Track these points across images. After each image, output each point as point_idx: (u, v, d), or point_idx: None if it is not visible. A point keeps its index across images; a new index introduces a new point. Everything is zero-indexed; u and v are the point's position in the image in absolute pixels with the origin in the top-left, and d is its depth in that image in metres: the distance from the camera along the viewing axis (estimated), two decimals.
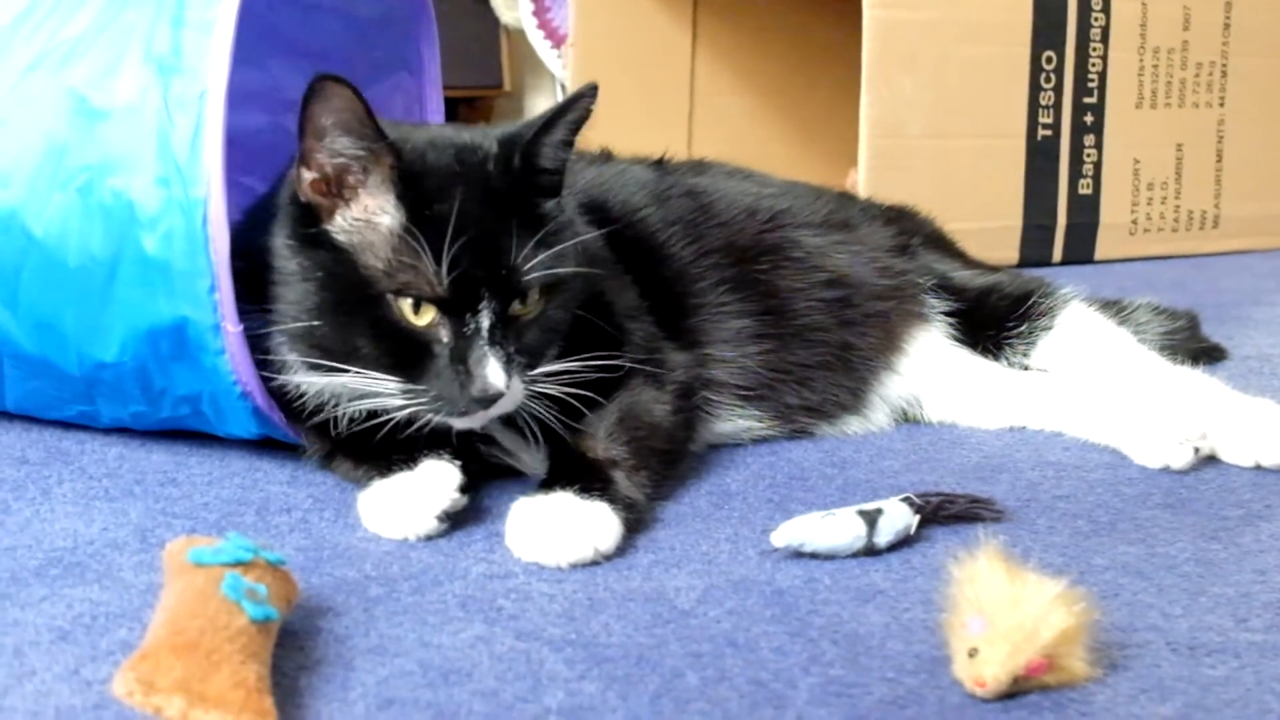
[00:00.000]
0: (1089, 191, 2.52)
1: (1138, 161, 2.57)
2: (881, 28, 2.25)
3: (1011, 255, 2.43)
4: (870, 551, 1.04)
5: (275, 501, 1.17)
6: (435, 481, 1.09)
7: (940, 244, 1.59)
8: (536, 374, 1.11)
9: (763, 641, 0.90)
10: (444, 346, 1.07)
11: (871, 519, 1.05)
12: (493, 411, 1.08)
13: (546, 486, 1.09)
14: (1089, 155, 2.51)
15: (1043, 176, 2.48)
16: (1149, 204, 2.59)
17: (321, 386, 1.14)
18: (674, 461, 1.21)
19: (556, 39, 3.40)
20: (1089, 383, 1.38)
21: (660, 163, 1.50)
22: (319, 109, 1.05)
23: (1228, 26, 2.60)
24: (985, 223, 2.35)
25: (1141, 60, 2.53)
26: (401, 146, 1.08)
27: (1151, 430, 1.27)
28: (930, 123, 2.34)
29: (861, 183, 2.25)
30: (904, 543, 1.06)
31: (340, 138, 1.07)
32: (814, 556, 1.04)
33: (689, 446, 1.27)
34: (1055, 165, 2.48)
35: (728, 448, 1.33)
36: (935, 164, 2.34)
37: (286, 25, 1.52)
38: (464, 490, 1.10)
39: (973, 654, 0.82)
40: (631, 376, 1.19)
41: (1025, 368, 1.43)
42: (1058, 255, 2.51)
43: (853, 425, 1.39)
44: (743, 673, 0.85)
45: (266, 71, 1.49)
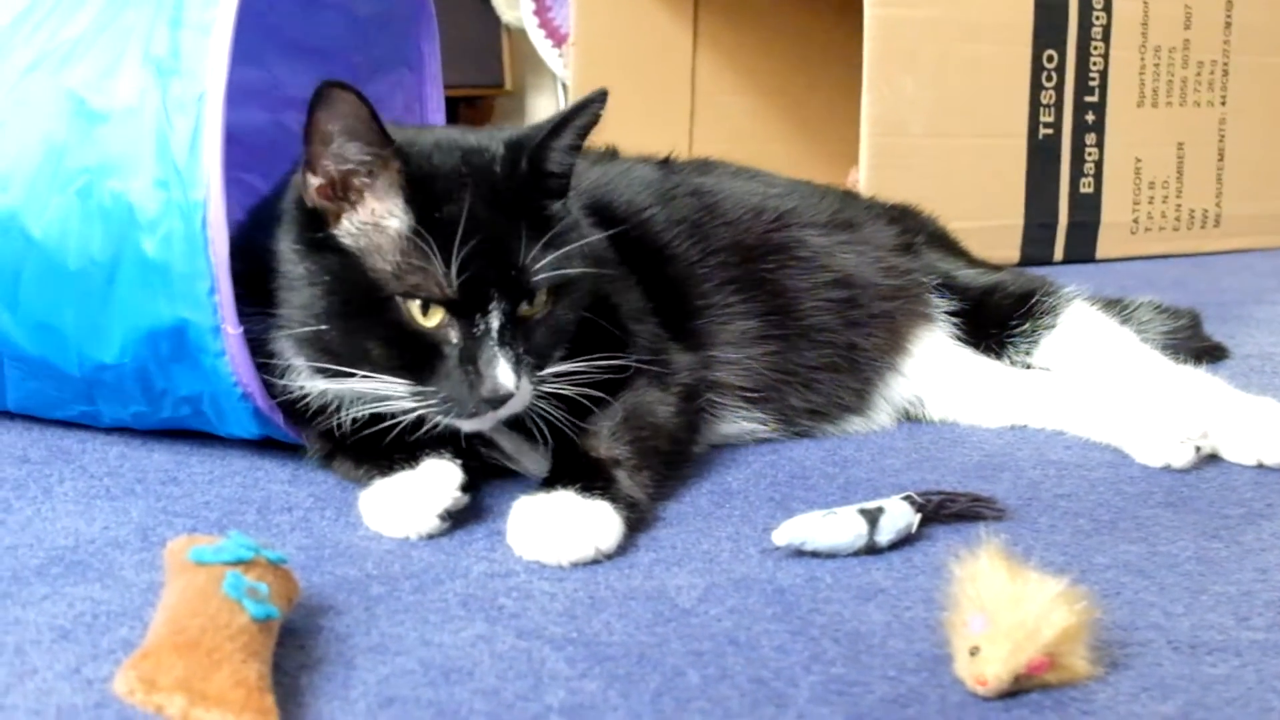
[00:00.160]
0: (1090, 190, 2.52)
1: (1139, 160, 2.57)
2: (883, 26, 2.25)
3: (1013, 254, 2.43)
4: (871, 550, 1.04)
5: (276, 500, 1.17)
6: (437, 480, 1.09)
7: (943, 243, 1.59)
8: (544, 374, 1.11)
9: (764, 640, 0.90)
10: (453, 348, 1.06)
11: (873, 517, 1.05)
12: (502, 413, 1.08)
13: (548, 485, 1.09)
14: (1090, 154, 2.51)
15: (1044, 175, 2.47)
16: (1150, 203, 2.59)
17: (326, 389, 1.13)
18: (677, 463, 1.21)
19: (558, 38, 3.40)
20: (1090, 381, 1.38)
21: (666, 162, 1.50)
22: (325, 115, 1.04)
23: (1229, 25, 2.60)
24: (986, 221, 2.34)
25: (1143, 59, 2.53)
26: (408, 150, 1.07)
27: (1153, 429, 1.27)
28: (931, 121, 2.34)
29: (863, 181, 2.25)
30: (905, 541, 1.06)
31: (347, 144, 1.06)
32: (815, 555, 1.04)
33: (692, 448, 1.26)
34: (1056, 164, 2.48)
35: (729, 447, 1.33)
36: (936, 163, 2.34)
37: (287, 22, 1.52)
38: (465, 489, 1.10)
39: (974, 652, 0.82)
40: (636, 377, 1.19)
41: (1027, 366, 1.43)
42: (1059, 254, 2.51)
43: (856, 425, 1.39)
44: (744, 671, 0.85)
45: (266, 69, 1.50)
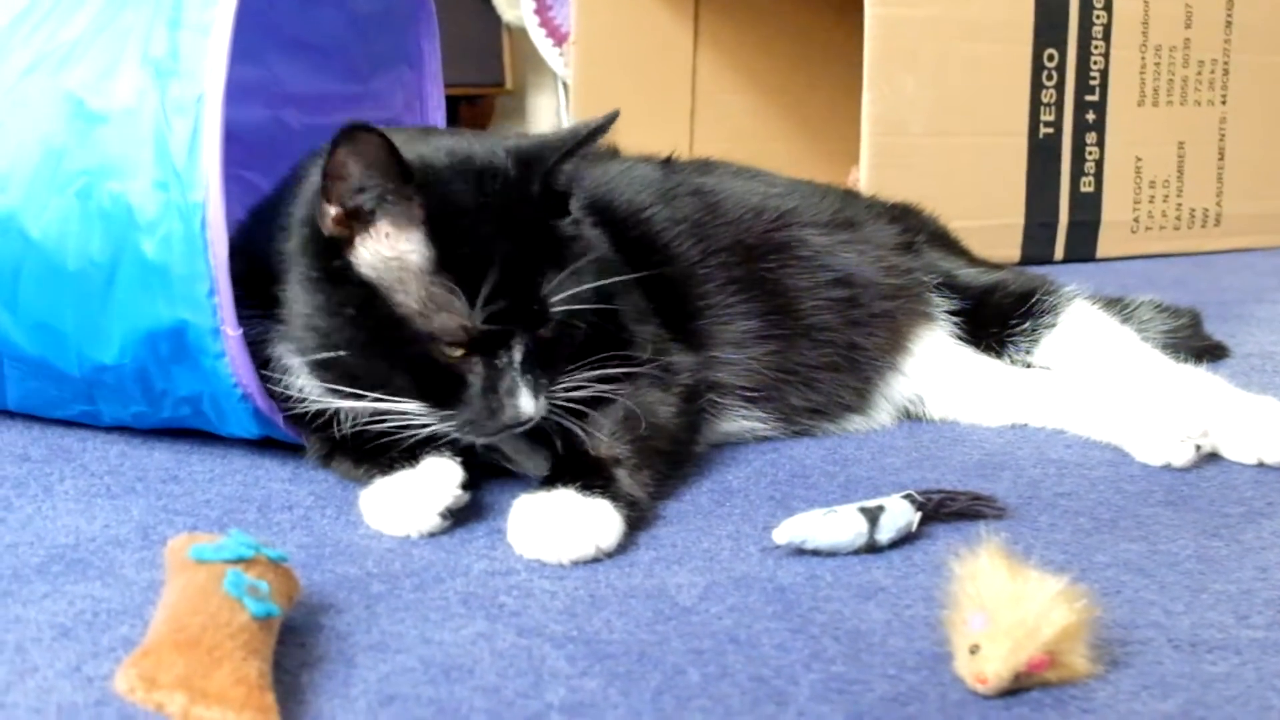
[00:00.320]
0: (1091, 189, 2.52)
1: (1139, 159, 2.56)
2: (883, 25, 2.25)
3: (1013, 253, 2.43)
4: (872, 548, 1.04)
5: (277, 499, 1.17)
6: (438, 479, 1.09)
7: (944, 242, 1.58)
8: (555, 388, 1.12)
9: (764, 638, 0.90)
10: (476, 376, 1.08)
11: (873, 516, 1.05)
12: (517, 430, 1.10)
13: (548, 484, 1.09)
14: (1091, 153, 2.50)
15: (1044, 174, 2.47)
16: (1151, 202, 2.59)
17: (340, 405, 1.14)
18: (677, 463, 1.21)
19: (558, 37, 3.40)
20: (1091, 380, 1.38)
21: (667, 161, 1.49)
22: (347, 153, 1.04)
23: (1229, 24, 2.60)
24: (987, 220, 2.34)
25: (1143, 58, 2.53)
26: (428, 184, 1.06)
27: (1153, 428, 1.27)
28: (932, 120, 2.34)
29: (863, 180, 2.25)
30: (905, 540, 1.06)
31: (368, 181, 1.06)
32: (816, 553, 1.04)
33: (693, 448, 1.26)
34: (1057, 163, 2.48)
35: (730, 445, 1.33)
36: (937, 162, 2.34)
37: (286, 20, 1.52)
38: (466, 487, 1.10)
39: (974, 650, 0.82)
40: (638, 377, 1.19)
41: (1028, 365, 1.43)
42: (1059, 253, 2.51)
43: (856, 424, 1.39)
44: (744, 669, 0.85)
45: (266, 65, 1.49)
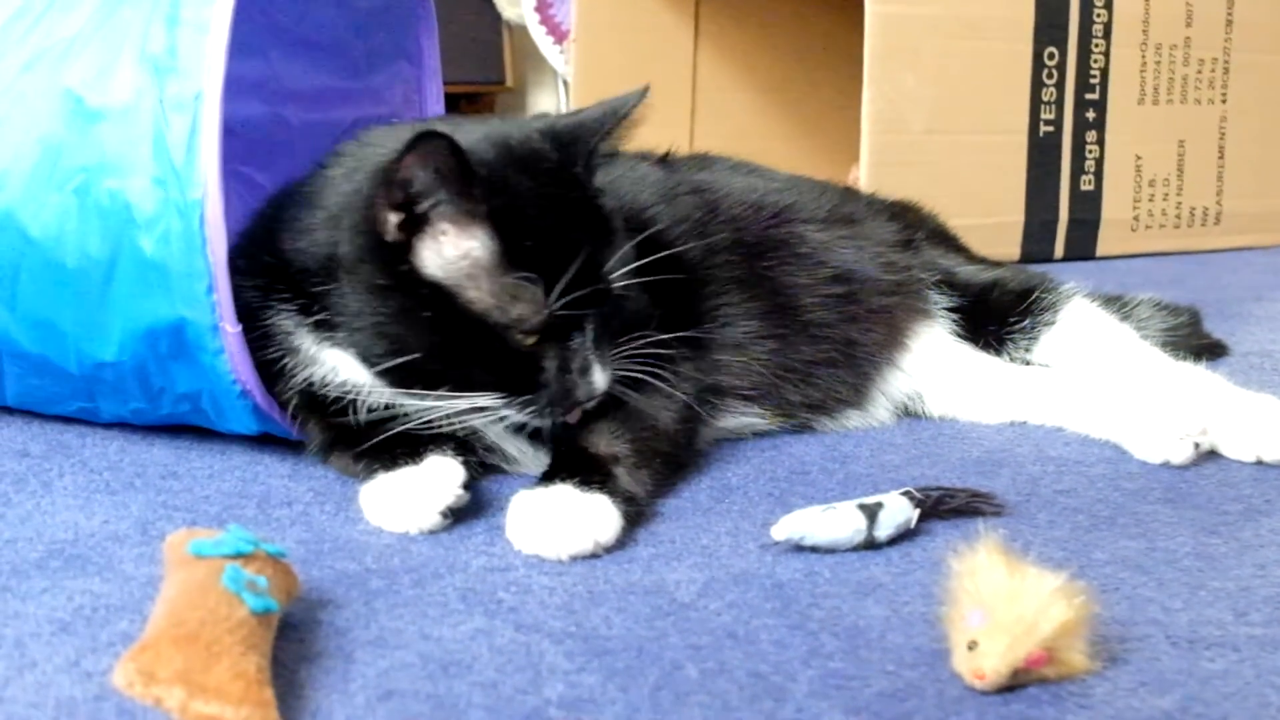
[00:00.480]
0: (1091, 188, 2.52)
1: (1139, 158, 2.56)
2: (883, 23, 2.25)
3: (1013, 251, 2.43)
4: (870, 545, 1.04)
5: (276, 495, 1.17)
6: (440, 477, 1.09)
7: (944, 239, 1.58)
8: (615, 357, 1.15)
9: (763, 634, 0.90)
10: (552, 360, 1.10)
11: (872, 513, 1.05)
12: (589, 405, 1.13)
13: (547, 479, 1.09)
14: (1091, 151, 2.51)
15: (1044, 172, 2.47)
16: (1151, 200, 2.59)
17: (351, 382, 1.14)
18: (677, 465, 1.21)
19: (559, 35, 3.40)
20: (1090, 378, 1.38)
21: (665, 158, 1.49)
22: (415, 159, 1.04)
23: (1230, 23, 2.60)
24: (987, 219, 2.34)
25: (1144, 56, 2.53)
26: (487, 178, 1.06)
27: (1152, 425, 1.27)
28: (932, 118, 2.34)
29: (863, 178, 2.25)
30: (904, 536, 1.06)
31: (435, 188, 1.06)
32: (814, 550, 1.04)
33: (693, 451, 1.26)
34: (1057, 161, 2.48)
35: (728, 442, 1.33)
36: (937, 160, 2.34)
37: (285, 15, 1.52)
38: (466, 487, 1.10)
39: (972, 647, 0.82)
40: (641, 381, 1.19)
41: (1027, 363, 1.43)
42: (1059, 251, 2.51)
43: (854, 420, 1.39)
44: (742, 665, 0.85)
45: (265, 61, 1.49)
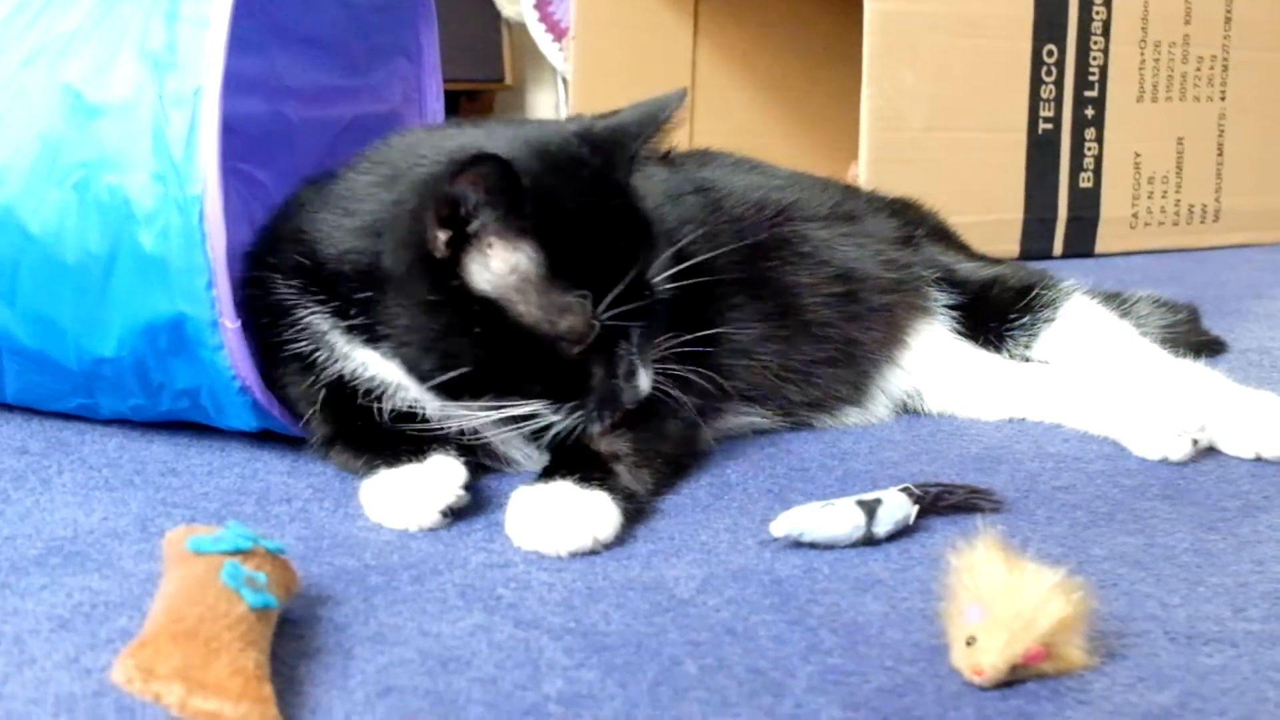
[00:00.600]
0: (1090, 185, 2.52)
1: (1138, 155, 2.56)
2: (882, 20, 2.25)
3: (1012, 249, 2.43)
4: (869, 541, 1.04)
5: (275, 491, 1.17)
6: (442, 476, 1.10)
7: (944, 236, 1.58)
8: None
9: (761, 630, 0.90)
10: (599, 366, 1.11)
11: (870, 509, 1.05)
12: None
13: (546, 475, 1.09)
14: (1090, 149, 2.50)
15: (1043, 170, 2.47)
16: (1150, 198, 2.59)
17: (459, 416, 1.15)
18: (679, 465, 1.21)
19: (558, 32, 3.40)
20: (1088, 375, 1.38)
21: (667, 156, 1.49)
22: (466, 178, 1.04)
23: (1229, 20, 2.60)
24: (986, 216, 2.34)
25: (1142, 54, 2.53)
26: (537, 195, 1.06)
27: (1150, 422, 1.27)
28: (931, 116, 2.34)
29: (863, 176, 2.25)
30: (903, 533, 1.06)
31: (486, 206, 1.05)
32: (813, 546, 1.04)
33: (695, 453, 1.26)
34: (1056, 159, 2.48)
35: (727, 439, 1.33)
36: (936, 157, 2.34)
37: (284, 11, 1.52)
38: (467, 486, 1.10)
39: (970, 642, 0.82)
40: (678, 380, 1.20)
41: (1027, 359, 1.43)
42: (1058, 249, 2.51)
43: (853, 417, 1.39)
44: (741, 661, 0.85)
45: (265, 58, 1.49)
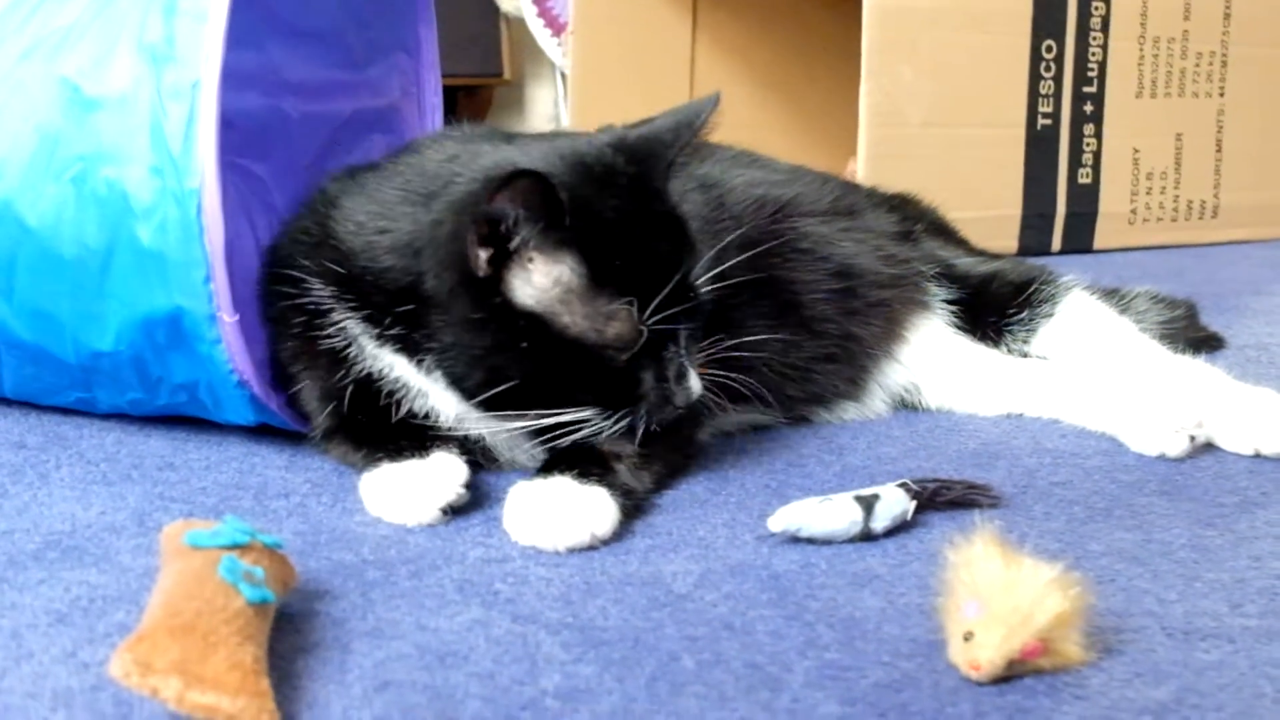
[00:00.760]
0: (1088, 181, 2.52)
1: (1137, 151, 2.56)
2: (881, 16, 2.24)
3: (1011, 244, 2.43)
4: (867, 537, 1.04)
5: (273, 486, 1.17)
6: (443, 473, 1.10)
7: (943, 231, 1.58)
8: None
9: (759, 625, 0.90)
10: (648, 372, 1.11)
11: (868, 504, 1.05)
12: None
13: (545, 471, 1.09)
14: (1088, 145, 2.50)
15: (1042, 166, 2.47)
16: (1148, 194, 2.59)
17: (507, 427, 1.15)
18: (677, 466, 1.21)
19: (556, 27, 3.40)
20: (1086, 370, 1.38)
21: None
22: (506, 196, 1.04)
23: (1228, 16, 2.60)
24: (985, 211, 2.34)
25: (1141, 50, 2.53)
26: (576, 207, 1.06)
27: (1148, 418, 1.27)
28: (930, 111, 2.34)
29: (861, 171, 2.25)
30: (900, 528, 1.07)
31: (525, 222, 1.05)
32: (811, 541, 1.04)
33: (693, 453, 1.25)
34: (1055, 154, 2.48)
35: (725, 435, 1.33)
36: (935, 153, 2.34)
37: (283, 5, 1.51)
38: (468, 485, 1.10)
39: (968, 638, 0.82)
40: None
41: (1025, 355, 1.43)
42: (1057, 244, 2.51)
43: (850, 412, 1.39)
44: (739, 656, 0.86)
45: (263, 52, 1.49)
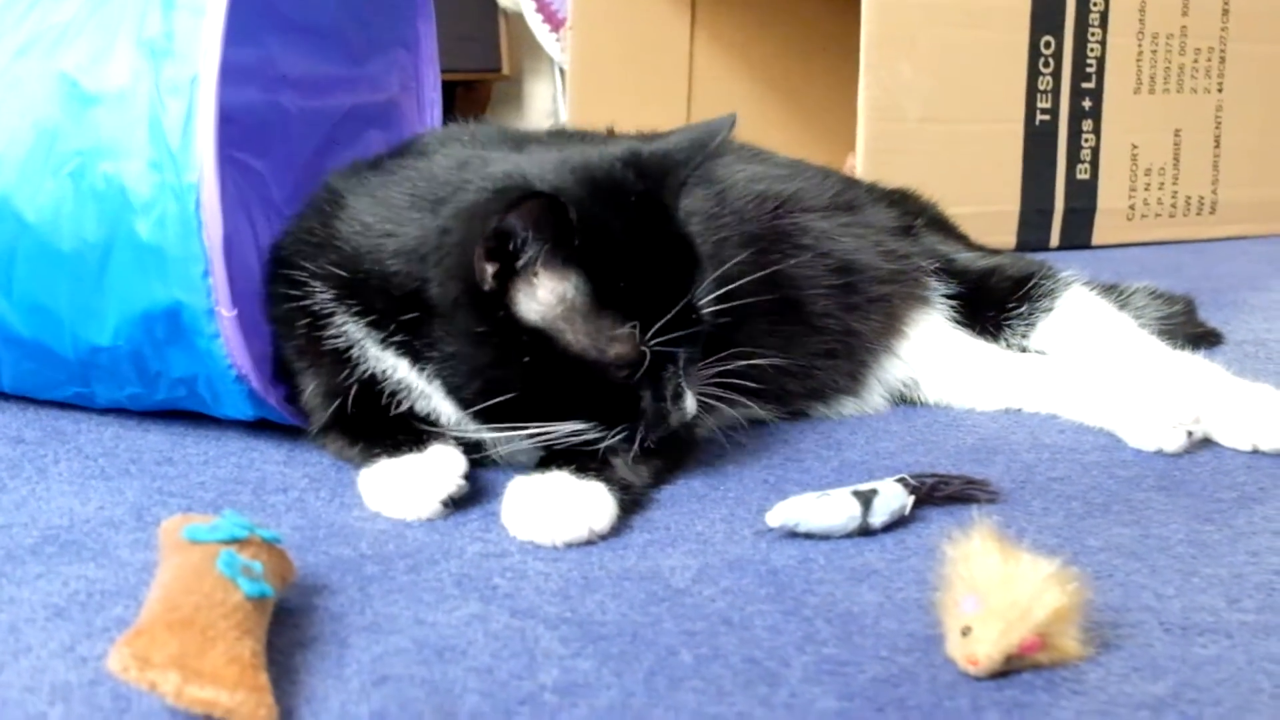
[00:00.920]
0: (1087, 177, 2.52)
1: (1135, 147, 2.56)
2: (880, 11, 2.24)
3: (1009, 240, 2.43)
4: (865, 532, 1.05)
5: (271, 481, 1.17)
6: (443, 466, 1.10)
7: (942, 226, 1.58)
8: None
9: (757, 620, 0.90)
10: (646, 390, 1.11)
11: (866, 499, 1.05)
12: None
13: (543, 466, 1.09)
14: (1087, 140, 2.50)
15: (1041, 161, 2.47)
16: (1146, 189, 2.59)
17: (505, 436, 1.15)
18: (675, 462, 1.21)
19: (555, 23, 3.39)
20: (1084, 365, 1.38)
21: None
22: (516, 217, 1.04)
23: (1226, 12, 2.60)
24: (983, 207, 2.34)
25: (1140, 45, 2.53)
26: (584, 224, 1.05)
27: (1146, 413, 1.27)
28: (929, 107, 2.34)
29: (860, 167, 2.25)
30: (899, 523, 1.07)
31: (534, 240, 1.05)
32: (809, 536, 1.04)
33: (692, 449, 1.25)
34: (1053, 150, 2.48)
35: (724, 430, 1.33)
36: (933, 148, 2.34)
37: (282, 1, 1.51)
38: (466, 476, 1.10)
39: (966, 632, 0.82)
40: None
41: (1024, 349, 1.43)
42: (1055, 240, 2.51)
43: (849, 407, 1.39)
44: (737, 651, 0.86)
45: (262, 47, 1.49)
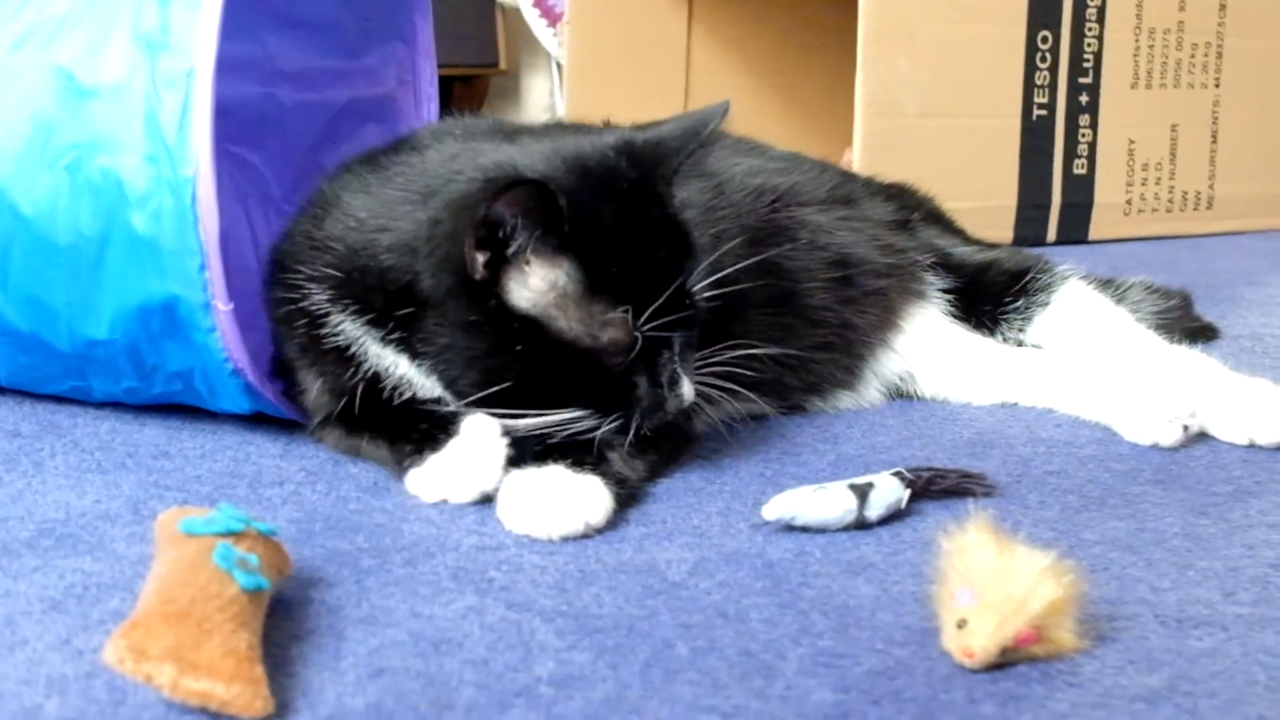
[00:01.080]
0: (1084, 172, 2.52)
1: (1132, 142, 2.56)
2: (877, 6, 2.24)
3: (1006, 235, 2.43)
4: (861, 525, 1.05)
5: (268, 474, 1.17)
6: (486, 445, 1.10)
7: (939, 220, 1.58)
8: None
9: (753, 613, 0.90)
10: (642, 377, 1.11)
11: (862, 493, 1.05)
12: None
13: (539, 459, 1.09)
14: (1084, 135, 2.50)
15: (1038, 156, 2.47)
16: (1143, 184, 2.59)
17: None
18: (672, 455, 1.21)
19: (552, 17, 3.39)
20: (1080, 359, 1.39)
21: None
22: (504, 205, 1.04)
23: (1223, 7, 2.60)
24: (980, 202, 2.34)
25: (1137, 40, 2.53)
26: (575, 211, 1.06)
27: (1141, 407, 1.27)
28: (926, 102, 2.34)
29: (857, 162, 2.24)
30: (895, 516, 1.07)
31: (523, 228, 1.05)
32: (805, 530, 1.04)
33: (688, 443, 1.25)
34: (1050, 145, 2.48)
35: (720, 423, 1.33)
36: (931, 143, 2.34)
37: None
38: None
39: (961, 625, 0.82)
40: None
41: (1020, 343, 1.43)
42: (1052, 235, 2.51)
43: (845, 401, 1.39)
44: (733, 644, 0.86)
45: (258, 41, 1.48)
